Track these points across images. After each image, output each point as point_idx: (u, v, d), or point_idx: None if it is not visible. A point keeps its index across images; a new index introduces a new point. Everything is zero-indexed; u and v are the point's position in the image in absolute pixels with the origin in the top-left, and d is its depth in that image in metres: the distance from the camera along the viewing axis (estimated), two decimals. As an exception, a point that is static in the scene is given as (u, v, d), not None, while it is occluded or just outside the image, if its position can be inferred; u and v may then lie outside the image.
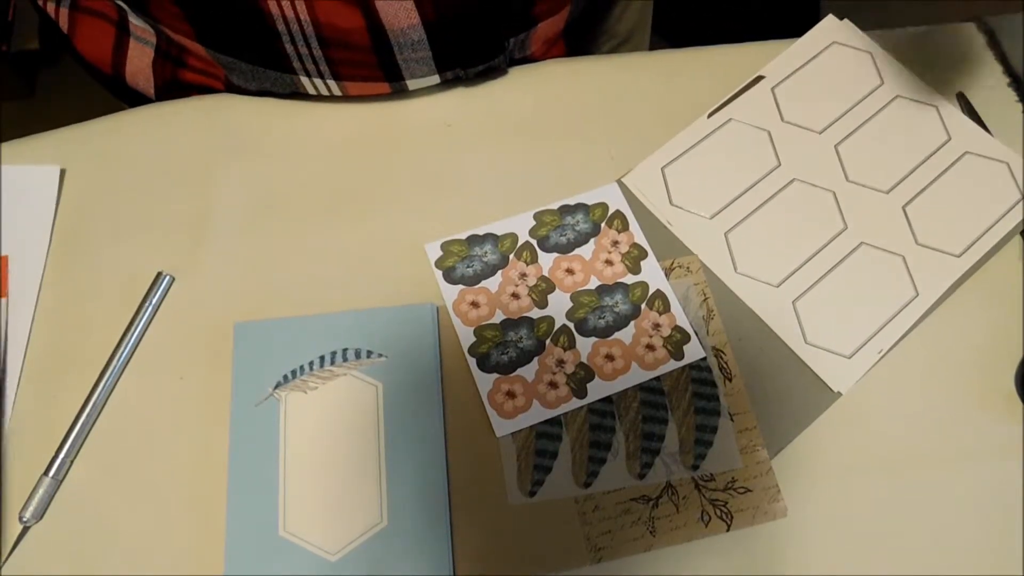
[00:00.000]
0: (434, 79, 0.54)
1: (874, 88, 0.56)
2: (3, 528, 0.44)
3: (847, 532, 0.44)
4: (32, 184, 0.53)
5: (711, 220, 0.52)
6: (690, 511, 0.45)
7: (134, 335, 0.49)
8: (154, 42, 0.57)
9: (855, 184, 0.53)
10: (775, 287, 0.50)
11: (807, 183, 0.53)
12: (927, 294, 0.50)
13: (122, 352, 0.48)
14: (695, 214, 0.53)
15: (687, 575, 0.44)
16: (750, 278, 0.51)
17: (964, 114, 0.55)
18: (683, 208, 0.53)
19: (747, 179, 0.54)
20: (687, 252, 0.52)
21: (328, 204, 0.53)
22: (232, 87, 0.57)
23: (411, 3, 0.48)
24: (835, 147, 0.55)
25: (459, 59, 0.53)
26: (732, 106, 0.56)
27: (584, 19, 0.63)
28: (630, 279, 0.51)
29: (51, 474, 0.45)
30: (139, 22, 0.57)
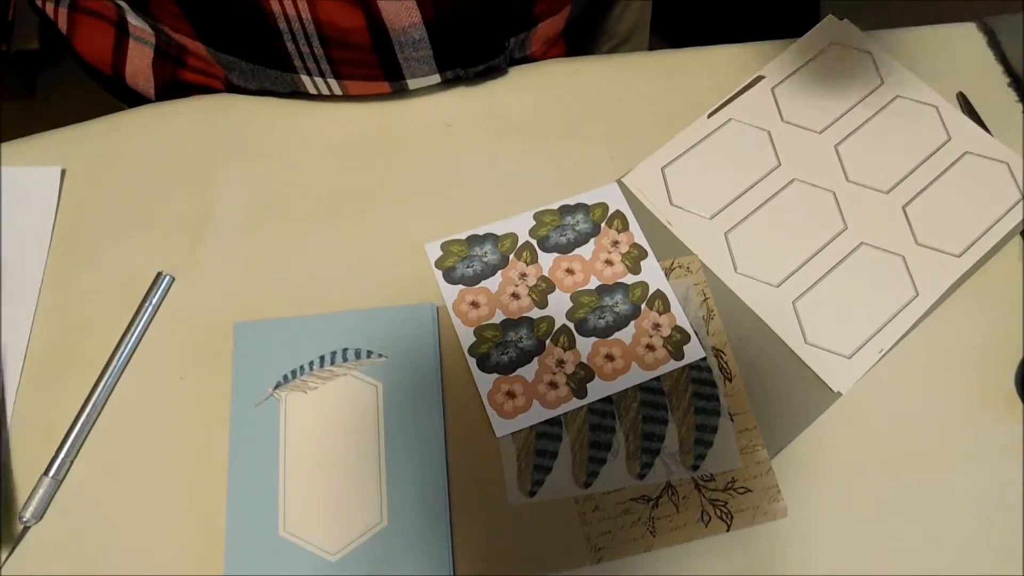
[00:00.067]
0: (435, 78, 0.55)
1: (874, 88, 0.56)
2: (3, 528, 0.44)
3: (847, 532, 0.44)
4: (32, 185, 0.53)
5: (711, 220, 0.52)
6: (690, 511, 0.45)
7: (134, 335, 0.49)
8: (153, 42, 0.57)
9: (855, 184, 0.53)
10: (775, 287, 0.50)
11: (807, 183, 0.53)
12: (927, 294, 0.50)
13: (122, 352, 0.48)
14: (695, 214, 0.53)
15: (687, 575, 0.44)
16: (750, 278, 0.51)
17: (964, 114, 0.55)
18: (683, 208, 0.53)
19: (747, 179, 0.54)
20: (687, 252, 0.52)
21: (328, 204, 0.53)
22: (232, 87, 0.57)
23: (412, 2, 0.48)
24: (835, 147, 0.55)
25: (460, 58, 0.53)
26: (732, 106, 0.56)
27: (584, 19, 0.63)
28: (630, 279, 0.51)
29: (51, 474, 0.45)
30: (138, 22, 0.57)
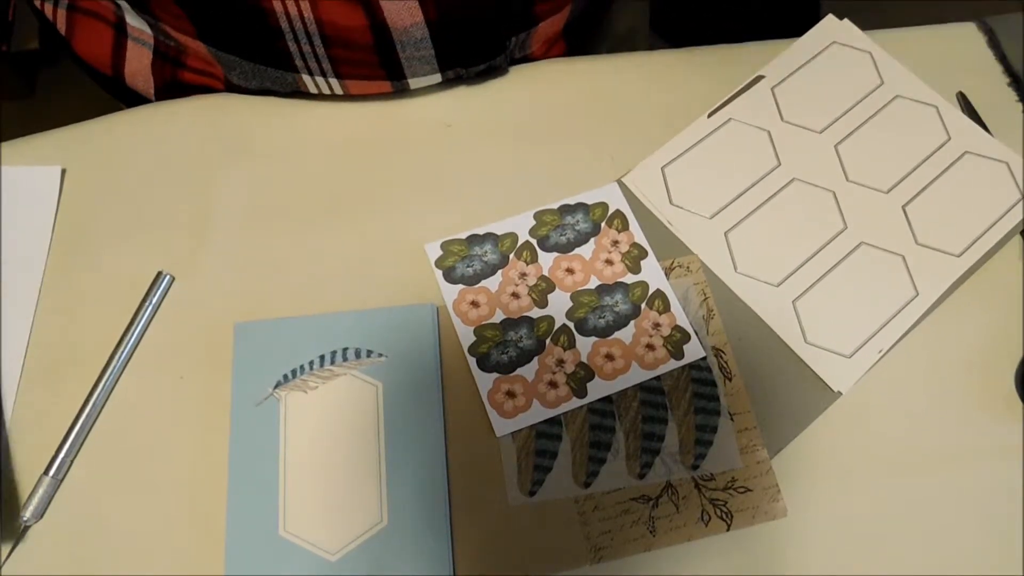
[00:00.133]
0: (436, 78, 0.55)
1: (874, 88, 0.56)
2: (3, 527, 0.44)
3: (847, 532, 0.44)
4: (33, 184, 0.53)
5: (711, 220, 0.52)
6: (690, 511, 0.45)
7: (134, 335, 0.49)
8: (152, 44, 0.57)
9: (855, 184, 0.53)
10: (775, 287, 0.50)
11: (807, 183, 0.53)
12: (927, 294, 0.50)
13: (122, 352, 0.48)
14: (695, 214, 0.53)
15: (687, 575, 0.44)
16: (750, 278, 0.51)
17: (964, 114, 0.55)
18: (683, 208, 0.53)
19: (747, 179, 0.54)
20: (687, 252, 0.52)
21: (328, 204, 0.53)
22: (232, 86, 0.57)
23: (414, 2, 0.48)
24: (835, 147, 0.55)
25: (461, 58, 0.53)
26: (732, 106, 0.56)
27: (584, 18, 0.63)
28: (630, 279, 0.51)
29: (51, 473, 0.45)
30: (137, 23, 0.57)
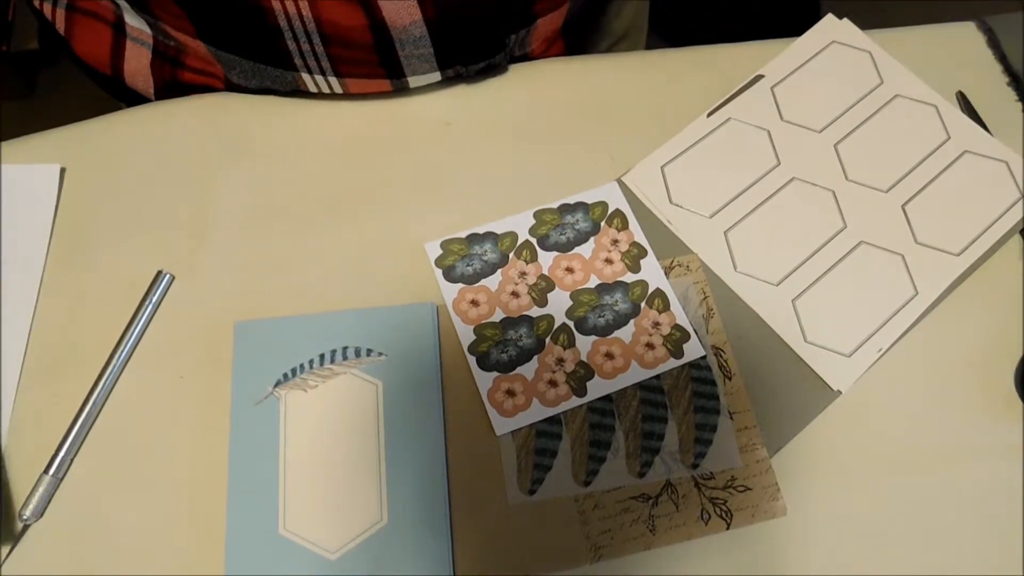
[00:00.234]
0: (435, 76, 0.55)
1: (874, 87, 0.56)
2: (3, 526, 0.44)
3: (847, 531, 0.44)
4: (32, 183, 0.53)
5: (711, 219, 0.52)
6: (690, 510, 0.45)
7: (134, 334, 0.49)
8: (151, 44, 0.57)
9: (854, 183, 0.53)
10: (775, 286, 0.50)
11: (806, 182, 0.53)
12: (926, 293, 0.50)
13: (122, 351, 0.48)
14: (695, 213, 0.53)
15: (687, 574, 0.44)
16: (750, 277, 0.51)
17: (963, 113, 0.55)
18: (683, 207, 0.53)
19: (747, 178, 0.54)
20: (687, 251, 0.52)
21: (328, 203, 0.53)
22: (232, 86, 0.57)
23: (413, 0, 0.48)
24: (834, 146, 0.55)
25: (460, 56, 0.54)
26: (731, 105, 0.56)
27: (583, 16, 0.63)
28: (630, 278, 0.51)
29: (51, 472, 0.45)
30: (136, 23, 0.57)
